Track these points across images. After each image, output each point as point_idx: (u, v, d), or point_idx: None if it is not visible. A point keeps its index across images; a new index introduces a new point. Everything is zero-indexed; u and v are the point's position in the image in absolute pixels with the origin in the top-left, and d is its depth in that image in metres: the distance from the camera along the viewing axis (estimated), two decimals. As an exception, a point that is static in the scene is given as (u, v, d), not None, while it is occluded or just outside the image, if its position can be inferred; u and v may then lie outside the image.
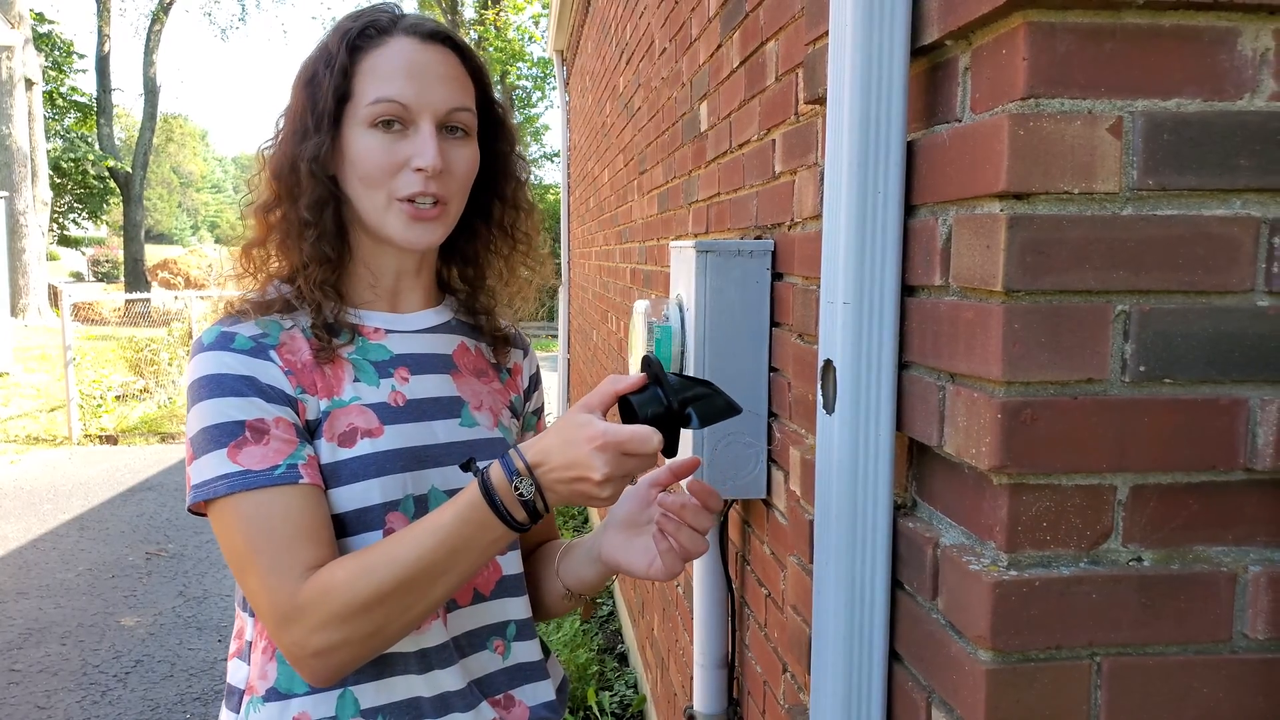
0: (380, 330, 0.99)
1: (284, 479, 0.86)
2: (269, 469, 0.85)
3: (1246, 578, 0.68)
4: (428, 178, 0.91)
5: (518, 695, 1.01)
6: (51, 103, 23.71)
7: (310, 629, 0.82)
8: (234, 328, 0.91)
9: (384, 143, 0.91)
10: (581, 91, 5.97)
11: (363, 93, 0.91)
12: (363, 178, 0.92)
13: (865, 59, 0.77)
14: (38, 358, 11.76)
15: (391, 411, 0.94)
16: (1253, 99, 0.65)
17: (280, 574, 0.84)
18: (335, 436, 0.91)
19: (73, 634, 3.82)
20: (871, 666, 0.84)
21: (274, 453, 0.86)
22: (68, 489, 6.12)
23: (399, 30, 0.93)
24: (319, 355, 0.93)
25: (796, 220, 1.19)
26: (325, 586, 0.83)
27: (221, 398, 0.87)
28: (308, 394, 0.91)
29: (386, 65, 0.91)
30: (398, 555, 0.83)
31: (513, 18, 19.72)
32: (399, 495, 0.92)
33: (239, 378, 0.88)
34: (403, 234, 0.93)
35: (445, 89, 0.92)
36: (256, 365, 0.89)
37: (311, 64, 0.93)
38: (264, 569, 0.84)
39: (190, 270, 19.83)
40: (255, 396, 0.88)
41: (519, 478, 0.81)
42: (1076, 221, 0.65)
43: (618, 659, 3.63)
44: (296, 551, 0.84)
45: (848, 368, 0.81)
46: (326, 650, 0.83)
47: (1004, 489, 0.68)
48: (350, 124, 0.92)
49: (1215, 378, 0.67)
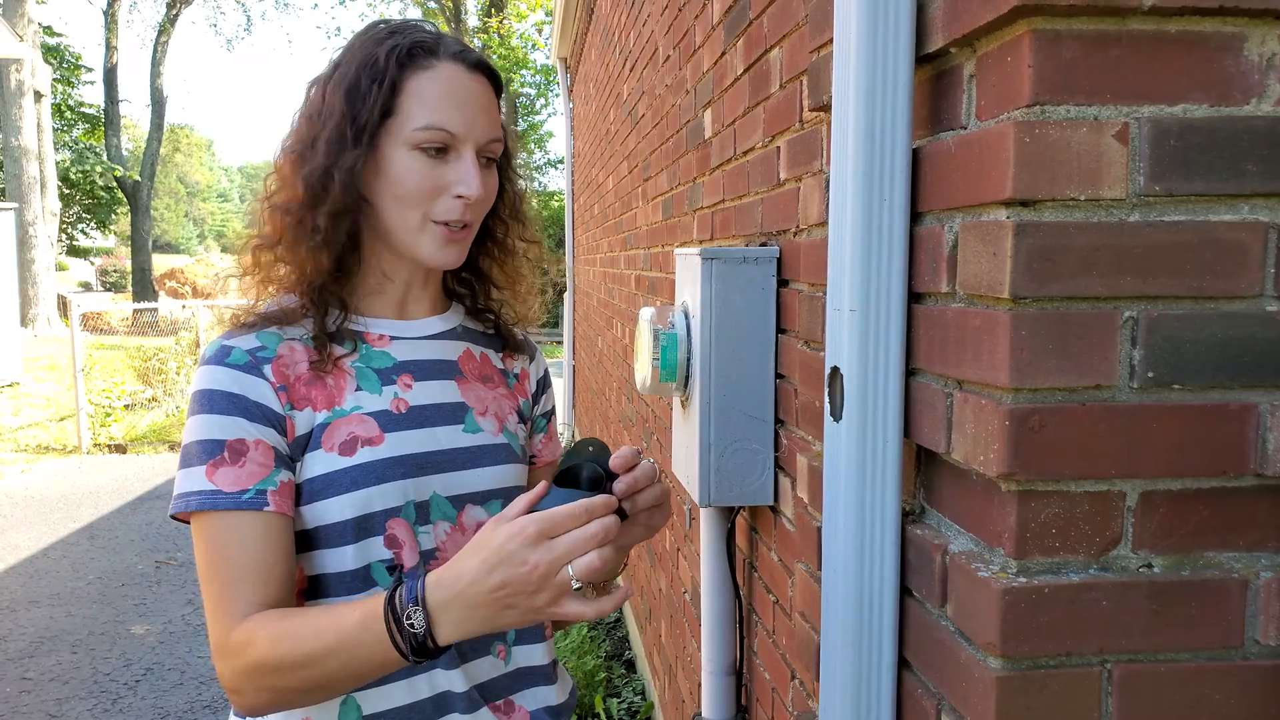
0: (385, 337, 0.99)
1: (250, 504, 0.87)
2: (238, 492, 0.87)
3: (1258, 584, 0.68)
4: (468, 205, 0.93)
5: (518, 700, 1.02)
6: (60, 114, 23.89)
7: (233, 671, 0.85)
8: (232, 341, 0.92)
9: (426, 166, 0.92)
10: (585, 99, 5.99)
11: (409, 114, 0.91)
12: (400, 197, 0.92)
13: (870, 66, 0.77)
14: (47, 367, 11.83)
15: (393, 419, 0.95)
16: (1259, 104, 0.65)
17: (225, 606, 0.86)
18: (335, 446, 0.92)
19: (84, 642, 3.83)
20: (880, 674, 0.84)
21: (247, 475, 0.88)
22: (77, 498, 6.15)
23: (445, 55, 0.93)
24: (315, 365, 0.93)
25: (802, 227, 1.19)
26: (249, 638, 0.84)
27: (209, 414, 0.89)
28: (298, 409, 0.92)
29: (435, 91, 0.91)
30: (306, 635, 0.83)
31: (516, 25, 19.80)
32: (399, 502, 0.93)
33: (227, 395, 0.89)
34: (434, 254, 0.95)
35: (486, 120, 0.94)
36: (246, 382, 0.90)
37: (354, 71, 0.91)
38: (214, 597, 0.87)
39: (197, 279, 19.89)
40: (239, 416, 0.89)
41: (412, 606, 0.79)
42: (1083, 228, 0.65)
43: (625, 666, 3.62)
44: (243, 588, 0.87)
45: (855, 375, 0.81)
46: (245, 692, 0.86)
47: (1012, 495, 0.67)
48: (391, 141, 0.91)
49: (1224, 383, 0.67)
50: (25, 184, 16.07)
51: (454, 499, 0.98)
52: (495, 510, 1.01)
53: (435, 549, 0.96)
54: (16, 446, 7.80)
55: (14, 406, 9.36)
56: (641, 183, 3.07)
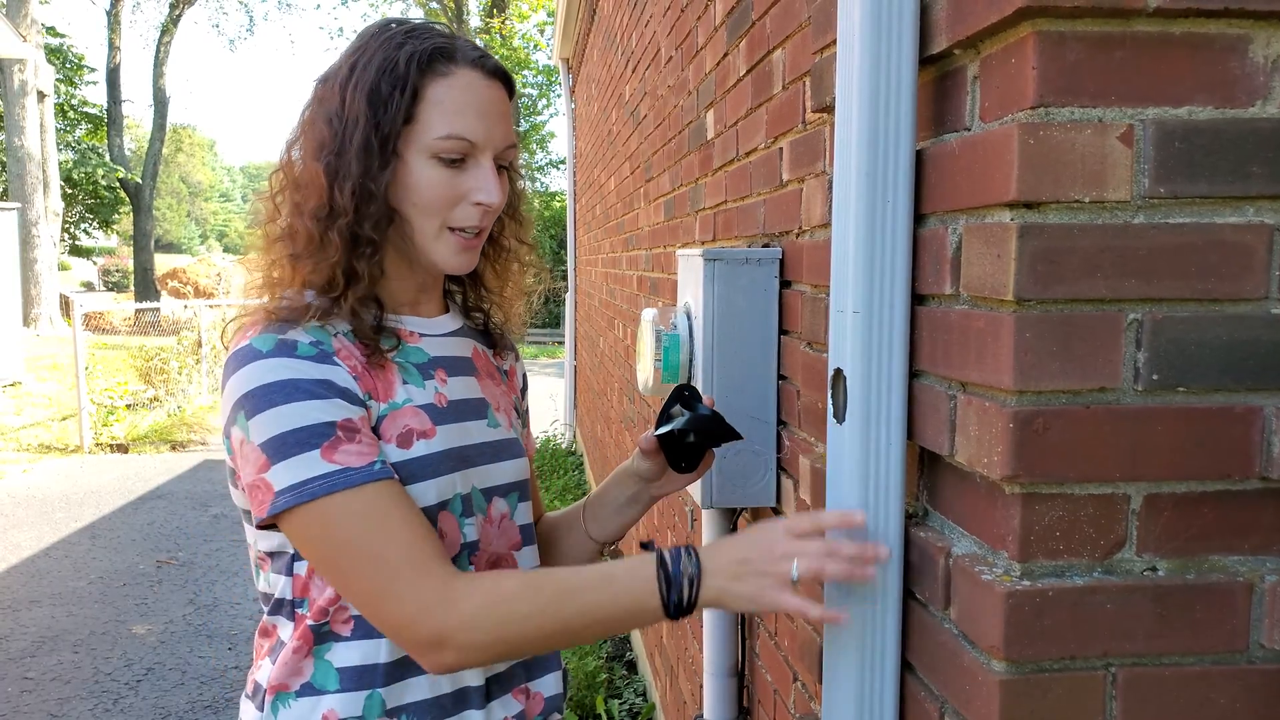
0: (415, 334, 1.00)
1: (382, 474, 0.87)
2: (367, 465, 0.86)
3: (1263, 587, 0.68)
4: (486, 212, 0.94)
5: (534, 687, 1.04)
6: (63, 115, 23.91)
7: (472, 608, 0.84)
8: (290, 335, 0.90)
9: (446, 175, 0.92)
10: (587, 99, 5.99)
11: (430, 122, 0.90)
12: (420, 205, 0.92)
13: (873, 68, 0.77)
14: (49, 367, 11.84)
15: (439, 412, 0.97)
16: (1265, 106, 0.65)
17: (418, 566, 0.85)
18: (394, 438, 0.92)
19: (85, 642, 3.83)
20: (883, 676, 0.83)
21: (368, 450, 0.87)
22: (79, 497, 6.15)
23: (464, 61, 0.92)
24: (371, 359, 0.93)
25: (805, 228, 1.19)
26: (494, 579, 0.87)
27: (300, 401, 0.86)
28: (371, 399, 0.92)
29: (457, 99, 0.91)
30: (564, 574, 0.89)
31: (518, 26, 19.81)
32: (450, 495, 0.95)
33: (316, 381, 0.87)
34: (450, 260, 0.96)
35: (503, 127, 0.95)
36: (328, 369, 0.89)
37: (374, 75, 0.90)
38: (397, 561, 0.84)
39: (199, 279, 19.91)
40: (337, 398, 0.87)
41: (687, 556, 0.85)
42: (1087, 230, 0.65)
43: (626, 666, 3.62)
44: (429, 544, 0.86)
45: (858, 377, 0.81)
46: (477, 629, 0.84)
47: (1016, 498, 0.67)
48: (411, 149, 0.91)
49: (1229, 386, 0.66)
50: (28, 184, 16.10)
51: (485, 491, 1.00)
52: (515, 502, 1.04)
53: (476, 541, 0.98)
54: (19, 446, 7.81)
55: (16, 406, 9.37)
56: (643, 183, 3.07)
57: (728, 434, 1.04)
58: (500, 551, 1.02)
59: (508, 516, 1.03)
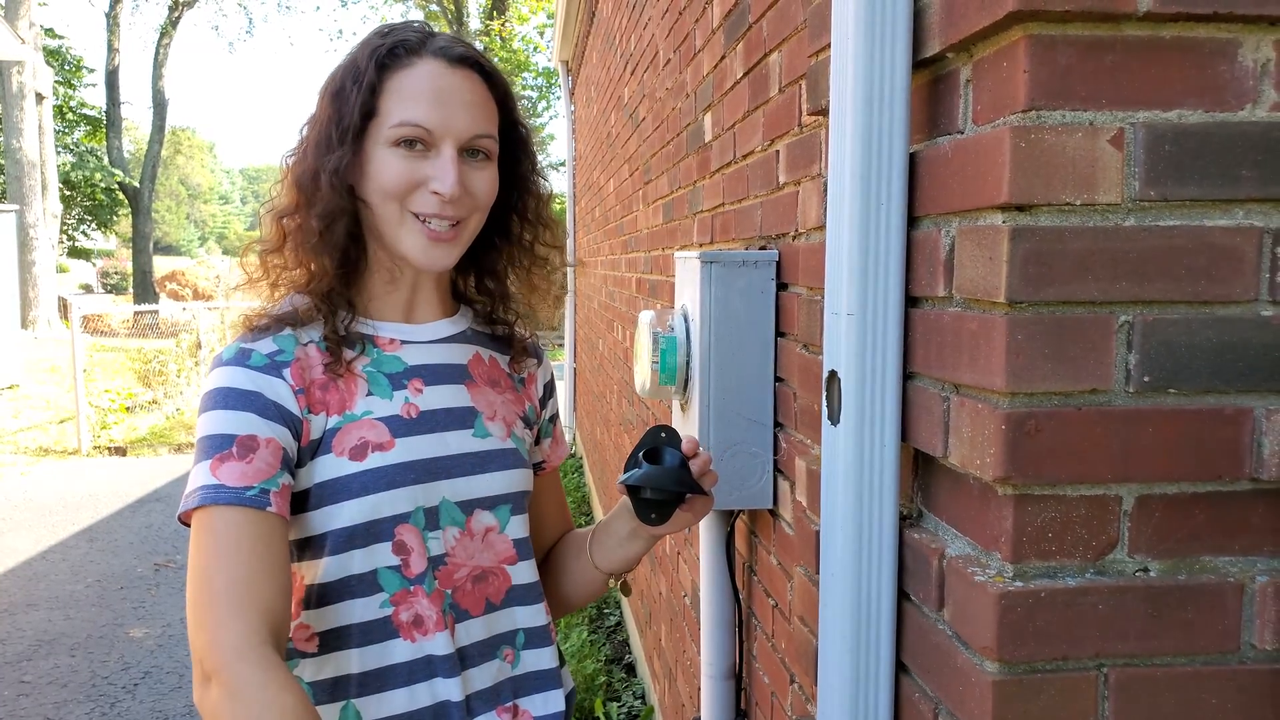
0: (395, 341, 1.00)
1: (253, 502, 0.86)
2: (242, 488, 0.86)
3: (1254, 588, 0.68)
4: (444, 202, 0.93)
5: (524, 705, 1.02)
6: (61, 117, 23.91)
7: (230, 685, 0.78)
8: (252, 344, 0.93)
9: (405, 161, 0.92)
10: (586, 101, 5.99)
11: (388, 112, 0.92)
12: (379, 191, 0.93)
13: (867, 71, 0.78)
14: (47, 369, 11.83)
15: (404, 424, 0.95)
16: (1254, 109, 0.65)
17: (234, 606, 0.81)
18: (346, 450, 0.92)
19: (82, 645, 3.83)
20: (878, 678, 0.84)
21: (253, 472, 0.87)
22: (77, 500, 6.14)
23: (428, 52, 0.94)
24: (329, 368, 0.94)
25: (801, 231, 1.19)
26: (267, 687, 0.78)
27: (221, 411, 0.89)
28: (314, 413, 0.92)
29: (413, 88, 0.92)
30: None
31: (518, 28, 19.83)
32: (409, 508, 0.94)
33: (243, 393, 0.89)
34: (420, 256, 0.95)
35: (469, 115, 0.94)
36: (264, 381, 0.90)
37: (340, 77, 0.94)
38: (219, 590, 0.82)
39: (198, 282, 19.89)
40: (252, 413, 0.89)
41: None
42: (1079, 233, 0.65)
43: (625, 669, 3.62)
44: (262, 592, 0.83)
45: (852, 379, 0.81)
46: (223, 703, 0.78)
47: (1009, 500, 0.68)
48: (374, 141, 0.93)
49: (1220, 388, 0.67)
50: (26, 186, 16.09)
51: (463, 504, 0.98)
52: (504, 516, 1.01)
53: (444, 554, 0.96)
54: (16, 449, 7.80)
55: (14, 409, 9.36)
56: (642, 185, 3.07)
57: (691, 489, 0.95)
58: (485, 565, 1.00)
59: (495, 530, 1.00)
